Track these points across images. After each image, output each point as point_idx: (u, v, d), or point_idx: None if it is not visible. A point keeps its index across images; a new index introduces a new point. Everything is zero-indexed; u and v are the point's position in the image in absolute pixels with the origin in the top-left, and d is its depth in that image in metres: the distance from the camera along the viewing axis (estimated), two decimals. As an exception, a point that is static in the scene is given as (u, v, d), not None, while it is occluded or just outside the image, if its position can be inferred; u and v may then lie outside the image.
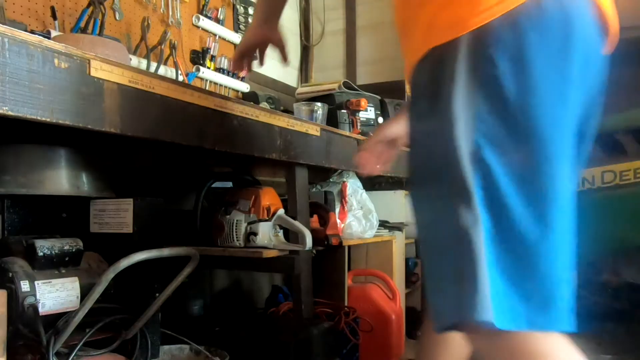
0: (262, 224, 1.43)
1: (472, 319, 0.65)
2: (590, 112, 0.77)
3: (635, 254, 1.22)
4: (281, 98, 2.51)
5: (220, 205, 1.53)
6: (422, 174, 0.76)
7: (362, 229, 1.93)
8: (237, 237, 1.46)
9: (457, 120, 0.67)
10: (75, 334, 0.85)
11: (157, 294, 0.99)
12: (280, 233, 1.45)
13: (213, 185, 1.60)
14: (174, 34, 1.95)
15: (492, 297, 0.64)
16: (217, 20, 2.20)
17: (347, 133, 1.80)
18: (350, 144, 1.73)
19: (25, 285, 0.85)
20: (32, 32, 1.39)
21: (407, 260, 2.42)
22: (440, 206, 0.70)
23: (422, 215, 0.76)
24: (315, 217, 1.66)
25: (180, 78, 1.92)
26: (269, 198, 1.49)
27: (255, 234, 1.43)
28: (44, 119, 0.75)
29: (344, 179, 2.00)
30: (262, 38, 1.23)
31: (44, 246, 0.91)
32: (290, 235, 1.45)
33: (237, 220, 1.47)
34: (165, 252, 0.88)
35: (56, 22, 1.53)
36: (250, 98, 2.22)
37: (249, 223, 1.46)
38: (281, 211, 1.45)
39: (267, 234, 1.43)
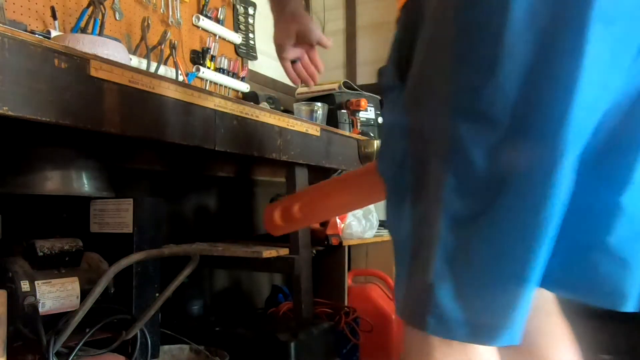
0: None
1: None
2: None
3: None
4: (281, 98, 2.51)
5: None
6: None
7: (362, 229, 1.93)
8: None
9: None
10: (75, 334, 0.85)
11: (157, 294, 0.99)
12: None
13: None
14: (174, 34, 1.95)
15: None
16: (217, 20, 2.20)
17: (347, 133, 1.80)
18: (350, 144, 1.73)
19: (25, 285, 0.85)
20: (32, 32, 1.39)
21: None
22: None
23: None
24: (315, 217, 1.65)
25: (180, 78, 1.92)
26: None
27: None
28: (44, 119, 0.75)
29: (344, 179, 1.99)
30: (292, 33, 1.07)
31: (44, 246, 0.91)
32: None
33: None
34: (165, 252, 0.88)
35: (56, 22, 1.53)
36: (250, 98, 2.22)
37: None
38: None
39: None
